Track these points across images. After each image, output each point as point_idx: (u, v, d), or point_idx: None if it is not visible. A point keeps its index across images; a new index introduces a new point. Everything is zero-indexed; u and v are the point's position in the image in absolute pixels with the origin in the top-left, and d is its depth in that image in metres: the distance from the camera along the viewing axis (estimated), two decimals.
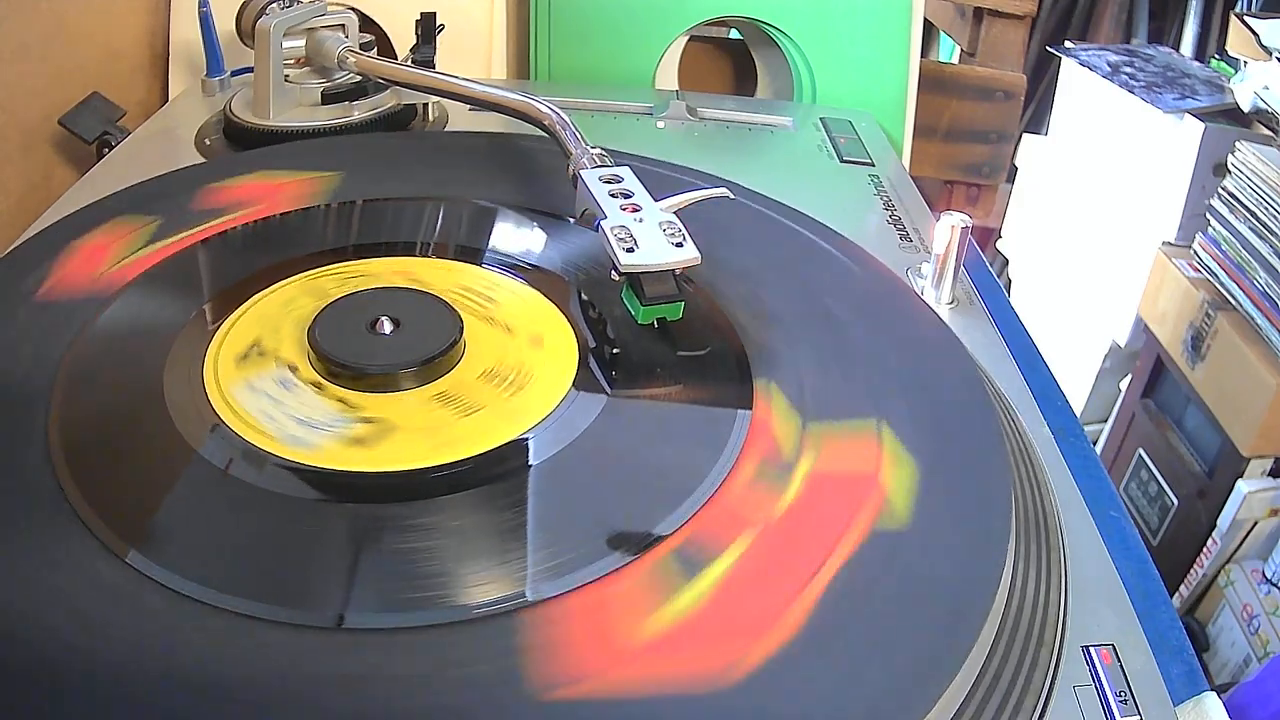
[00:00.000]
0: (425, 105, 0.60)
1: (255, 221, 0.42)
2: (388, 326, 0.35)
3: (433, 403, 0.33)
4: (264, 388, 0.33)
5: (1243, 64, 0.90)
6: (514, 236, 0.43)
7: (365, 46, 0.57)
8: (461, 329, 0.35)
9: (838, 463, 0.31)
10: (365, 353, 0.34)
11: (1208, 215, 0.86)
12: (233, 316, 0.37)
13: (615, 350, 0.36)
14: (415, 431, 0.32)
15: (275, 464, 0.30)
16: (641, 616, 0.26)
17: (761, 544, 0.28)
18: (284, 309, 0.37)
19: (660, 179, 0.41)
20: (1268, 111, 0.85)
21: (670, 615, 0.26)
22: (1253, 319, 0.80)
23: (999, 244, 1.23)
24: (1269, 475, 0.82)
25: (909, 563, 0.28)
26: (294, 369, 0.34)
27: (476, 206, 0.45)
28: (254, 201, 0.44)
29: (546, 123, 0.45)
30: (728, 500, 0.29)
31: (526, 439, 0.32)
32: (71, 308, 0.36)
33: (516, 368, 0.35)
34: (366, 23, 0.65)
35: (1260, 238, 0.79)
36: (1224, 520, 0.83)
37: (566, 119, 0.45)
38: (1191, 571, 0.87)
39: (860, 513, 0.29)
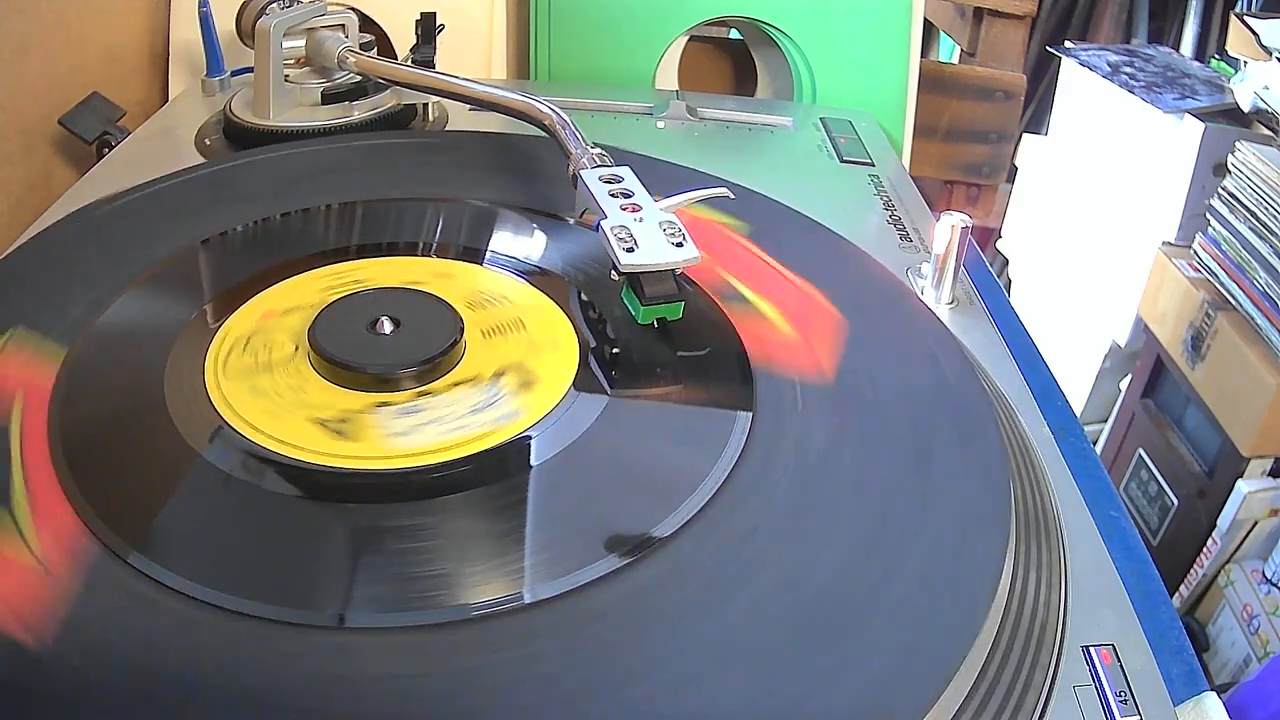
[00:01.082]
0: (425, 105, 0.60)
1: (256, 222, 0.42)
2: (388, 326, 0.35)
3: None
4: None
5: (1243, 64, 0.90)
6: (513, 236, 0.43)
7: (365, 46, 0.57)
8: (462, 329, 0.35)
9: None
10: (363, 351, 0.34)
11: (1208, 215, 0.86)
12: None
13: (615, 350, 0.36)
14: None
15: (276, 465, 0.30)
16: None
17: None
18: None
19: (660, 179, 0.41)
20: (1268, 111, 0.85)
21: None
22: (1253, 319, 0.80)
23: (999, 244, 1.23)
24: (1269, 475, 0.82)
25: (909, 563, 0.28)
26: (297, 348, 0.35)
27: (475, 207, 0.45)
28: None
29: (546, 123, 0.45)
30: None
31: (526, 439, 0.32)
32: None
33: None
34: (366, 23, 0.65)
35: (1260, 238, 0.79)
36: (1224, 520, 0.83)
37: (566, 119, 0.45)
38: (1191, 571, 0.87)
39: None
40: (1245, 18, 0.93)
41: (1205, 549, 0.86)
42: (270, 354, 0.35)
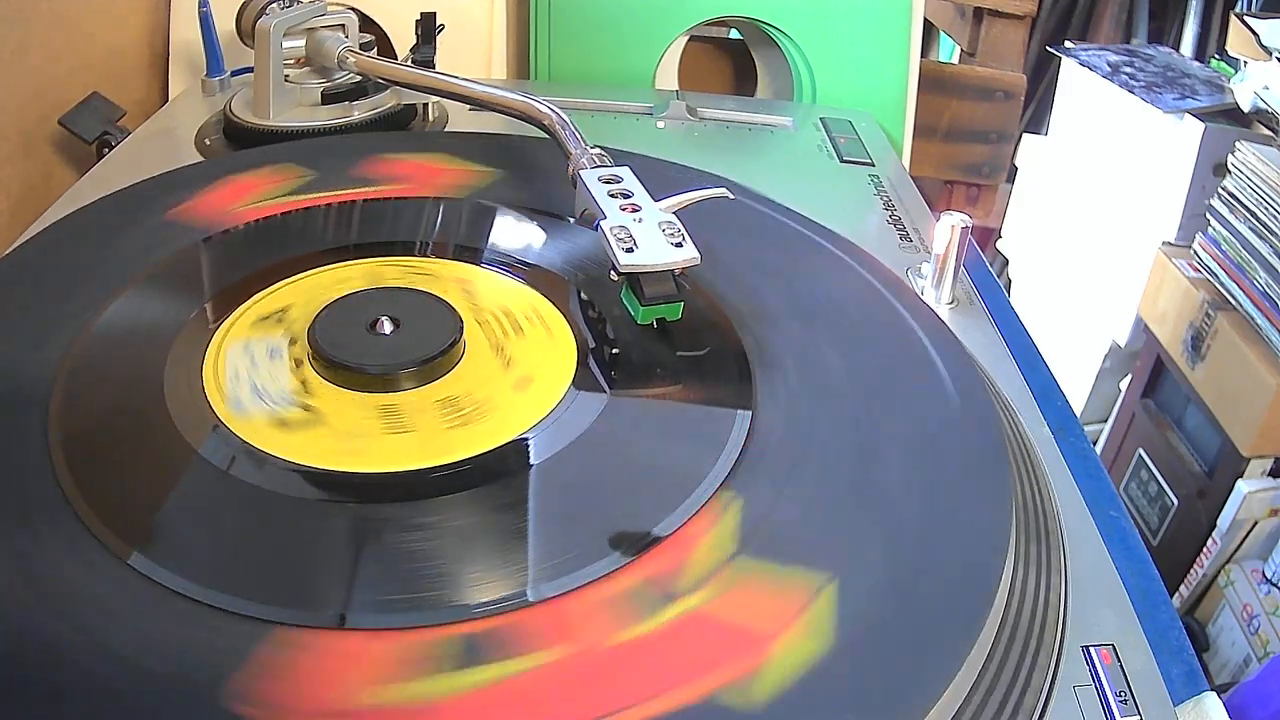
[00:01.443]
0: (425, 105, 0.60)
1: (258, 220, 0.42)
2: (388, 326, 0.35)
3: (374, 411, 0.33)
4: (255, 350, 0.34)
5: (1243, 64, 0.90)
6: (513, 237, 0.43)
7: (365, 46, 0.57)
8: (461, 329, 0.35)
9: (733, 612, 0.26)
10: (353, 348, 0.34)
11: (1208, 215, 0.86)
12: (283, 282, 0.38)
13: (615, 350, 0.36)
14: (336, 432, 0.32)
15: (276, 465, 0.30)
16: None
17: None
18: (334, 286, 0.38)
19: (660, 179, 0.41)
20: (1268, 111, 0.85)
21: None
22: (1253, 319, 0.80)
23: (999, 244, 1.23)
24: (1269, 475, 0.82)
25: (909, 562, 0.28)
26: (292, 341, 0.35)
27: (477, 206, 0.45)
28: (406, 179, 0.45)
29: (546, 123, 0.45)
30: (570, 604, 0.26)
31: (526, 439, 0.32)
32: (190, 232, 0.40)
33: (479, 403, 0.33)
34: (366, 23, 0.65)
35: (1260, 238, 0.79)
36: (1224, 520, 0.83)
37: (566, 119, 0.45)
38: (1191, 571, 0.87)
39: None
40: (1245, 18, 0.93)
41: (1205, 549, 0.86)
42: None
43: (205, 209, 0.42)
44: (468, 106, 0.59)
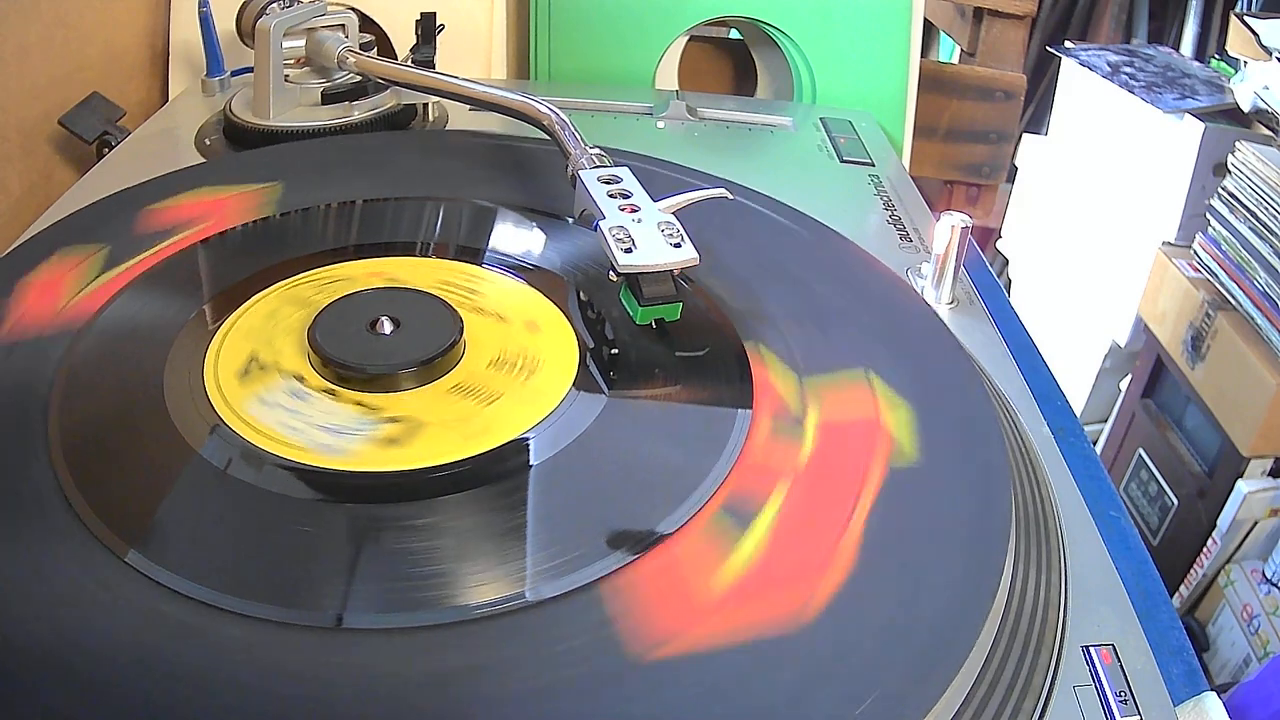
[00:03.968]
0: (425, 105, 0.60)
1: (250, 224, 0.42)
2: (388, 326, 0.35)
3: (451, 394, 0.33)
4: (277, 400, 0.33)
5: (1243, 64, 0.90)
6: (513, 236, 0.43)
7: (365, 46, 0.57)
8: (462, 326, 0.35)
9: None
10: (368, 353, 0.34)
11: (1208, 215, 0.86)
12: (220, 332, 0.36)
13: (614, 351, 0.36)
14: (443, 423, 0.32)
15: (274, 464, 0.30)
16: (710, 573, 0.27)
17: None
18: (269, 321, 0.37)
19: (660, 179, 0.41)
20: (1268, 111, 0.85)
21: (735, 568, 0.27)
22: (1253, 319, 0.80)
23: (999, 244, 1.23)
24: (1269, 475, 0.82)
25: (909, 562, 0.28)
26: (300, 379, 0.34)
27: (476, 206, 0.45)
28: (200, 219, 0.42)
29: (546, 123, 0.45)
30: (755, 456, 0.31)
31: (526, 439, 0.32)
32: (23, 345, 0.34)
33: (520, 354, 0.35)
34: (366, 23, 0.65)
35: (1260, 238, 0.79)
36: (1224, 520, 0.83)
37: (566, 119, 0.45)
38: (1191, 571, 0.87)
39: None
40: (1245, 18, 0.93)
41: (1205, 549, 0.86)
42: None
43: (29, 322, 0.36)
44: (468, 106, 0.59)
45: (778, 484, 0.30)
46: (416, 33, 0.60)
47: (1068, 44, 1.09)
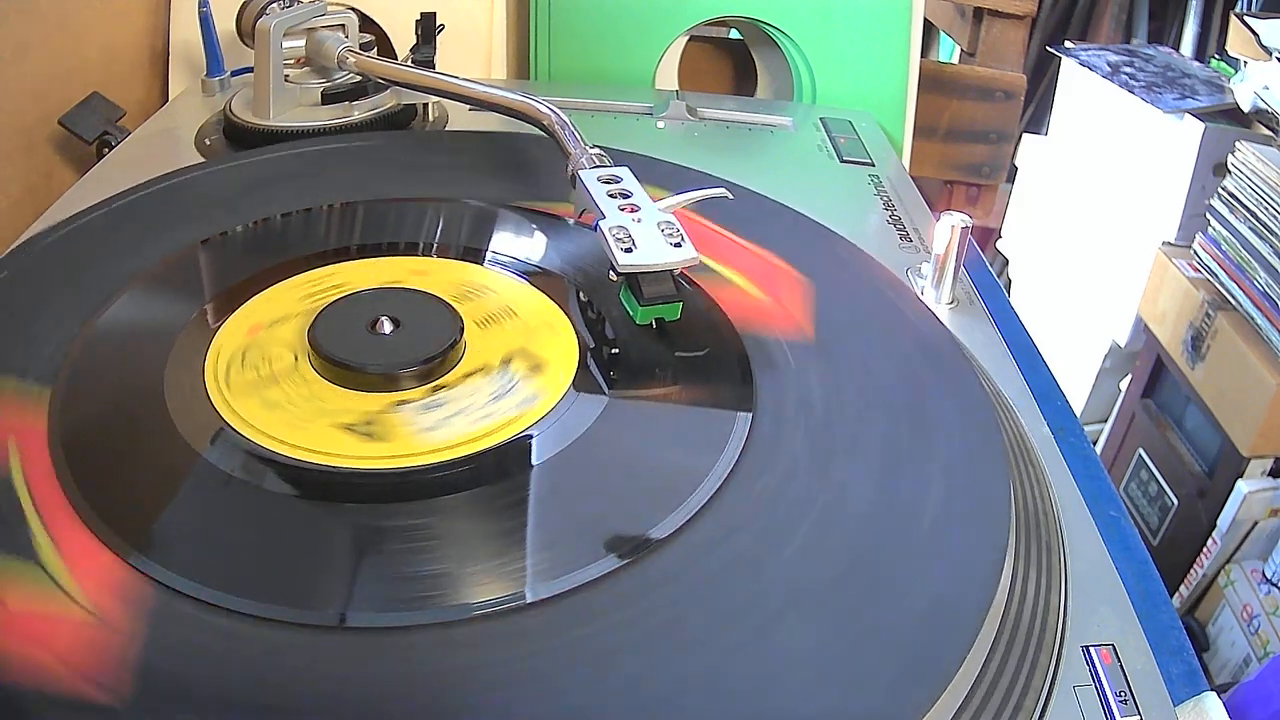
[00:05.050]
0: (425, 105, 0.60)
1: (256, 223, 0.42)
2: (388, 326, 0.35)
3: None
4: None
5: (1243, 64, 0.90)
6: (513, 236, 0.43)
7: (365, 46, 0.57)
8: (462, 328, 0.35)
9: None
10: (366, 352, 0.34)
11: (1208, 215, 0.85)
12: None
13: (614, 351, 0.36)
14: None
15: (276, 465, 0.30)
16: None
17: None
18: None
19: (659, 179, 0.41)
20: (1268, 111, 0.85)
21: None
22: (1253, 319, 0.80)
23: (999, 244, 1.23)
24: (1269, 475, 0.82)
25: (909, 563, 0.28)
26: (295, 361, 0.35)
27: (475, 207, 0.45)
28: None
29: (546, 123, 0.45)
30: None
31: (526, 439, 0.32)
32: None
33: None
34: (366, 23, 0.65)
35: (1260, 238, 0.79)
36: (1224, 520, 0.83)
37: (566, 119, 0.45)
38: (1191, 571, 0.87)
39: None
40: (1245, 18, 0.92)
41: (1205, 549, 0.86)
42: (272, 366, 0.34)
43: None
44: (468, 106, 0.59)
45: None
46: (416, 33, 0.60)
47: (1068, 44, 1.09)
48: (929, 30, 1.17)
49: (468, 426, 0.32)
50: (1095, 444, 0.97)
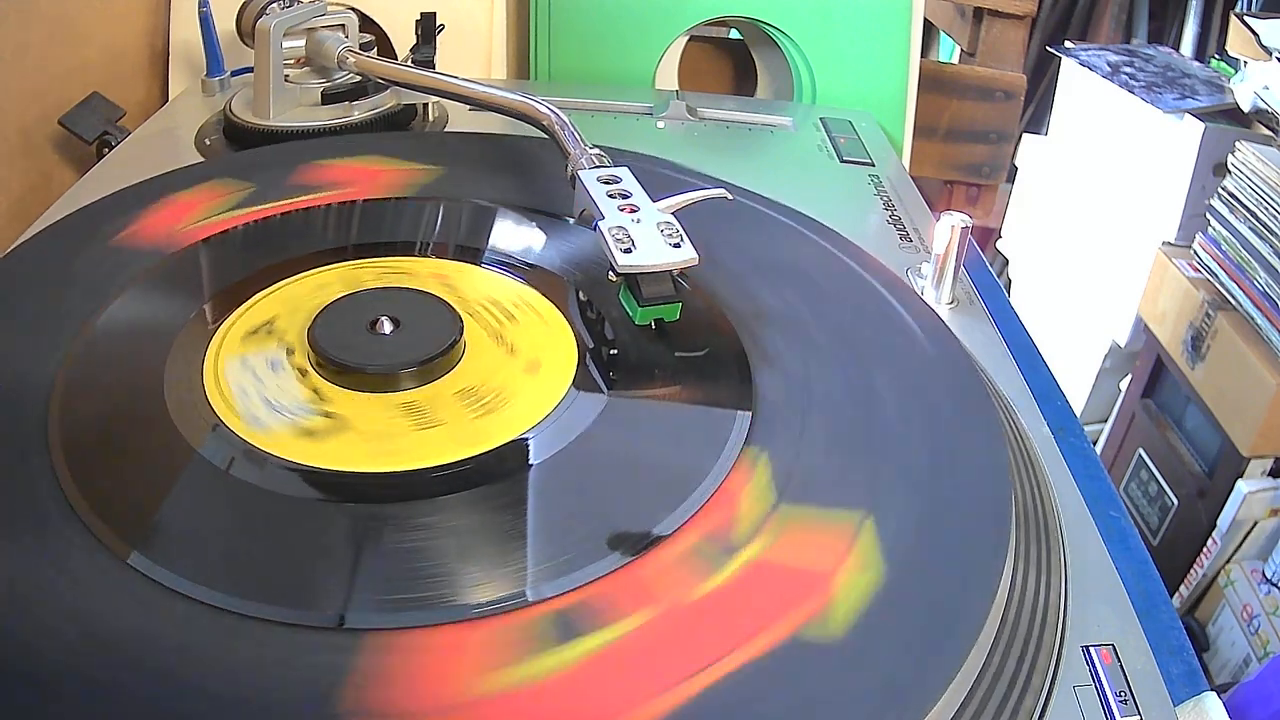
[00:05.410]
0: (425, 105, 0.60)
1: (255, 221, 0.42)
2: (388, 326, 0.35)
3: (397, 410, 0.33)
4: (255, 365, 0.34)
5: (1243, 64, 0.90)
6: (513, 236, 0.43)
7: (365, 46, 0.57)
8: (461, 330, 0.35)
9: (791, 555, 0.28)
10: (359, 350, 0.34)
11: (1208, 215, 0.86)
12: (261, 293, 0.37)
13: (614, 351, 0.36)
14: (365, 434, 0.32)
15: (276, 464, 0.30)
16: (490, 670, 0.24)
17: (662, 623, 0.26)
18: (314, 293, 0.38)
19: (660, 179, 0.41)
20: (1268, 111, 0.85)
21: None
22: (1253, 319, 0.80)
23: (999, 244, 1.23)
24: (1269, 475, 0.82)
25: (909, 563, 0.28)
26: (290, 352, 0.35)
27: (475, 206, 0.45)
28: (348, 183, 0.45)
29: (546, 123, 0.45)
30: (643, 569, 0.27)
31: (526, 439, 0.32)
32: (138, 256, 0.39)
33: (497, 390, 0.34)
34: (366, 23, 0.65)
35: (1260, 238, 0.79)
36: (1224, 520, 0.83)
37: (566, 119, 0.45)
38: (1191, 571, 0.87)
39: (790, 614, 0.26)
40: (1245, 18, 0.93)
41: (1205, 549, 0.86)
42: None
43: (149, 233, 0.41)
44: (468, 106, 0.59)
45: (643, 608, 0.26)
46: (416, 33, 0.60)
47: (1068, 44, 1.09)
48: (929, 30, 1.17)
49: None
50: (1095, 444, 0.97)
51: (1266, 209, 0.78)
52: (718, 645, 0.25)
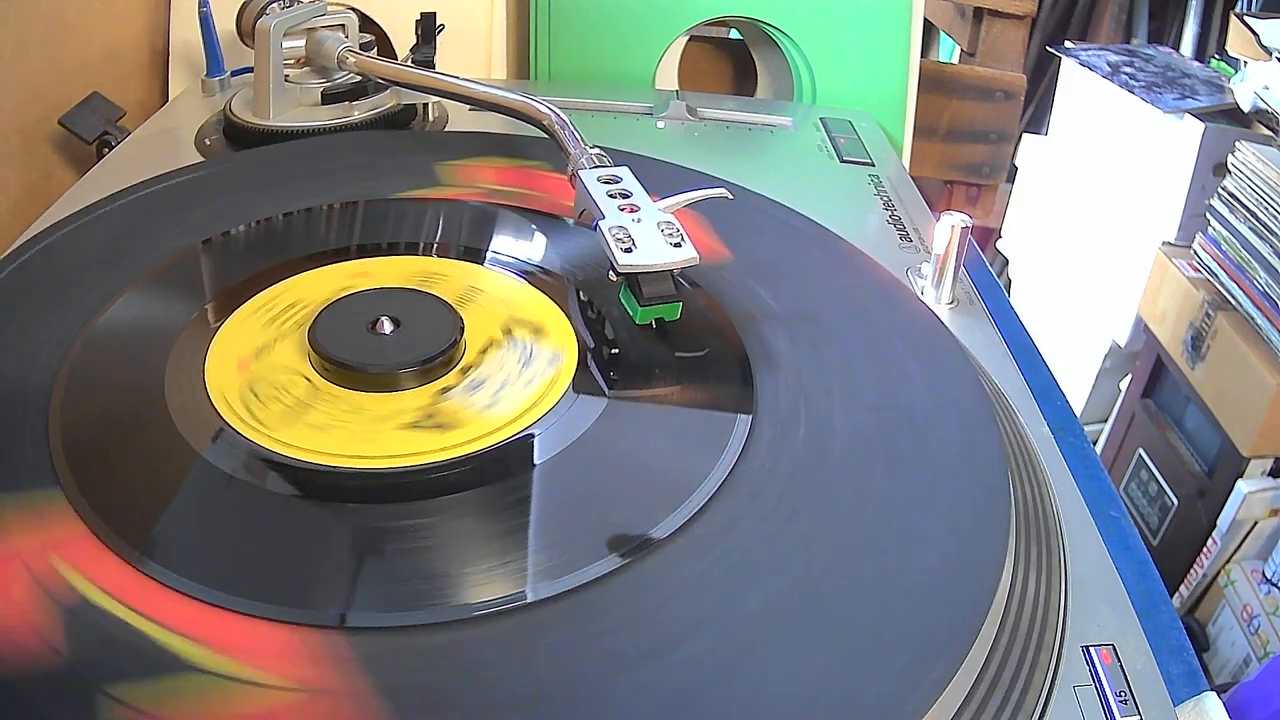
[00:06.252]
0: (425, 105, 0.60)
1: (257, 222, 0.42)
2: (388, 326, 0.35)
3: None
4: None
5: (1243, 64, 0.90)
6: (513, 237, 0.43)
7: (365, 46, 0.57)
8: (462, 330, 0.35)
9: None
10: (359, 349, 0.34)
11: (1208, 215, 0.85)
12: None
13: (614, 351, 0.36)
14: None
15: (276, 464, 0.30)
16: None
17: None
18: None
19: (659, 179, 0.41)
20: (1268, 111, 0.85)
21: None
22: (1253, 319, 0.80)
23: (999, 244, 1.23)
24: (1269, 475, 0.82)
25: (910, 563, 0.28)
26: (295, 350, 0.35)
27: (478, 207, 0.45)
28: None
29: (545, 123, 0.45)
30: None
31: (525, 439, 0.32)
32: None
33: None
34: (366, 23, 0.65)
35: (1260, 238, 0.79)
36: (1224, 520, 0.83)
37: (566, 119, 0.45)
38: (1191, 571, 0.87)
39: None
40: (1245, 18, 0.92)
41: (1205, 549, 0.86)
42: (292, 393, 0.33)
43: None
44: (468, 106, 0.59)
45: None
46: (416, 33, 0.60)
47: (1068, 44, 1.09)
48: (929, 30, 1.17)
49: (521, 392, 0.33)
50: (1095, 444, 0.97)
51: (1266, 209, 0.78)
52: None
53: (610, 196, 0.38)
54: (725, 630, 0.26)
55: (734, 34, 0.85)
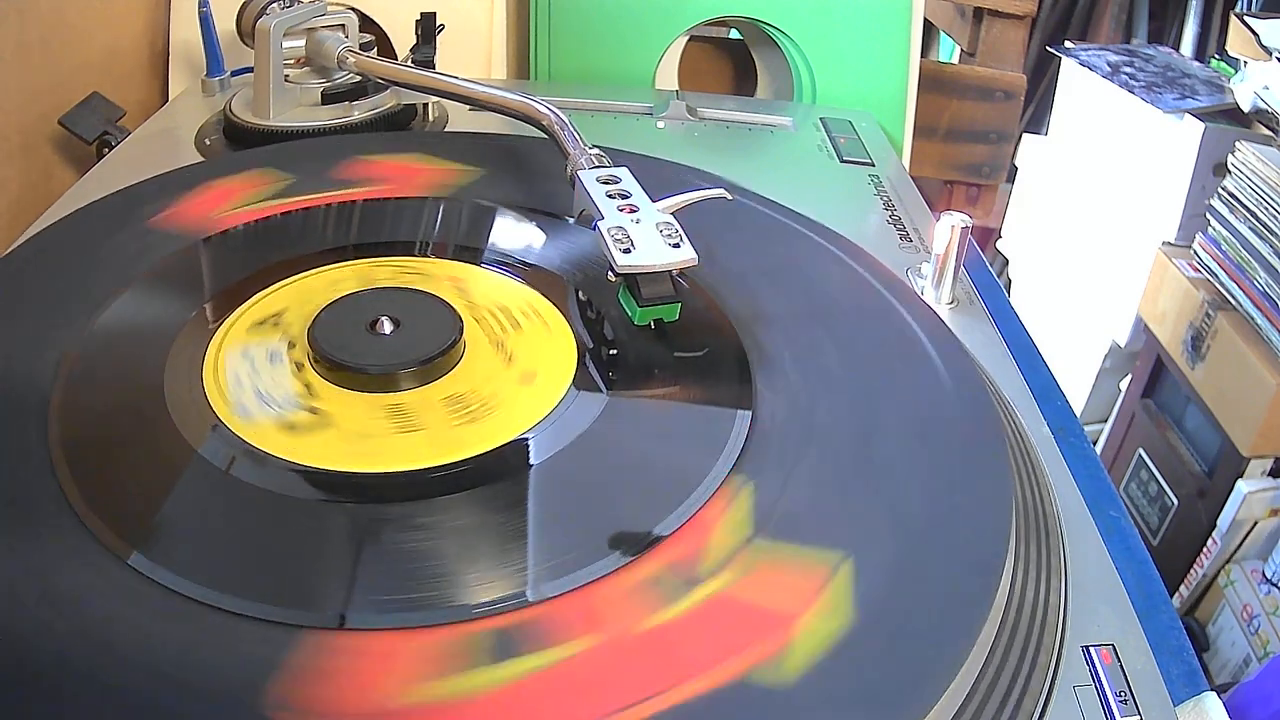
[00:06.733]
0: (425, 105, 0.60)
1: (255, 221, 0.42)
2: (388, 326, 0.35)
3: (384, 410, 0.33)
4: (254, 355, 0.34)
5: (1243, 64, 0.90)
6: (513, 236, 0.43)
7: (365, 46, 0.57)
8: (461, 332, 0.35)
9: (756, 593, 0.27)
10: (357, 349, 0.34)
11: (1208, 215, 0.86)
12: (276, 285, 0.38)
13: (613, 351, 0.36)
14: (347, 433, 0.32)
15: (277, 464, 0.30)
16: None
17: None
18: (327, 289, 0.38)
19: (659, 179, 0.41)
20: (1268, 111, 0.85)
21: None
22: (1253, 319, 0.80)
23: (999, 244, 1.23)
24: (1269, 475, 0.82)
25: (910, 563, 0.28)
26: (292, 345, 0.35)
27: (476, 206, 0.45)
28: (385, 179, 0.45)
29: (545, 123, 0.45)
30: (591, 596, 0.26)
31: (526, 439, 0.32)
32: (172, 239, 0.40)
33: (485, 400, 0.34)
34: (366, 23, 0.65)
35: (1260, 238, 0.79)
36: (1224, 520, 0.83)
37: (565, 119, 0.45)
38: (1191, 571, 0.87)
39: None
40: (1245, 18, 0.93)
41: (1205, 549, 0.86)
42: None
43: (186, 216, 0.42)
44: (468, 106, 0.59)
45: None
46: (416, 33, 0.60)
47: (1068, 44, 1.09)
48: (929, 30, 1.17)
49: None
50: (1095, 444, 0.97)
51: (1266, 209, 0.78)
52: (657, 678, 0.24)
53: (609, 197, 0.38)
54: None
55: (734, 34, 0.85)
